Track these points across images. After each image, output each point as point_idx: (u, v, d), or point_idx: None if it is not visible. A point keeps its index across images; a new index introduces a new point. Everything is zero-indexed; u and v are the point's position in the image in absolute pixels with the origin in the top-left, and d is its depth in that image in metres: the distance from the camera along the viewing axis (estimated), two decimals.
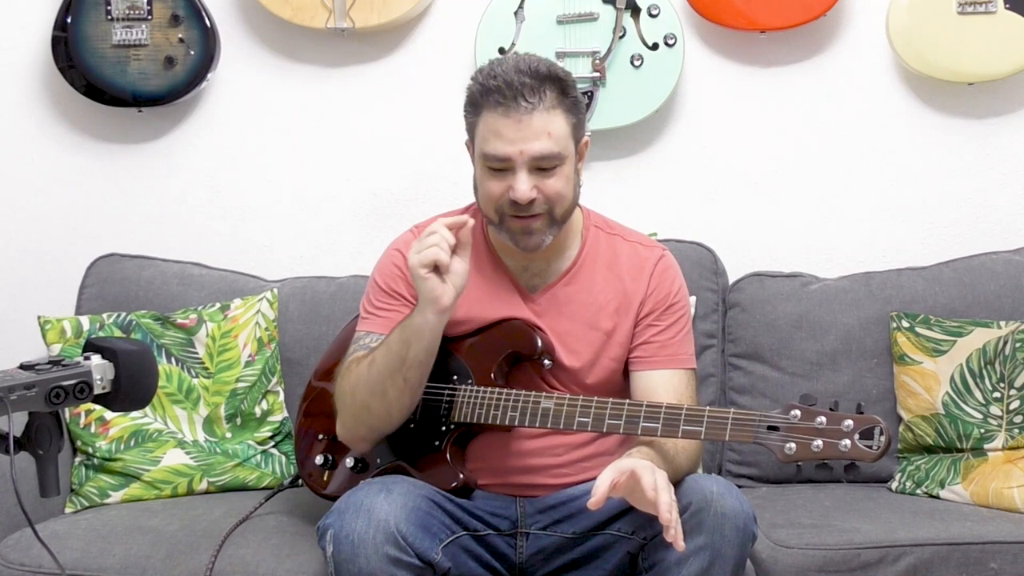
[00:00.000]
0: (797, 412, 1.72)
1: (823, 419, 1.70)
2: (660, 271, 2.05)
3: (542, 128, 1.87)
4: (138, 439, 2.44)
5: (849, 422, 1.68)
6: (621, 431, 1.85)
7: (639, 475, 1.69)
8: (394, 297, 2.04)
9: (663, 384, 1.99)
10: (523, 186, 1.88)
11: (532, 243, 1.94)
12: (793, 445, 1.71)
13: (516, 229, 1.93)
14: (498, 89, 1.87)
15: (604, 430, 1.86)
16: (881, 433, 1.67)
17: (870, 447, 1.67)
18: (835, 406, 1.71)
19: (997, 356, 2.38)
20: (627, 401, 1.86)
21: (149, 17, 2.74)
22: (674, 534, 1.66)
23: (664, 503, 1.66)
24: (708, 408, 1.80)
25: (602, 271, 2.05)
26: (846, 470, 1.69)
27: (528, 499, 2.00)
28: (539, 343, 1.98)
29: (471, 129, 1.97)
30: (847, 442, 1.68)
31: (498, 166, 1.90)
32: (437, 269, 1.84)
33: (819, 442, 1.69)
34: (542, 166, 1.89)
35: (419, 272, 1.84)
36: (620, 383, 2.04)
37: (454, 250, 1.85)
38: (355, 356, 2.00)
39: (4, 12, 2.87)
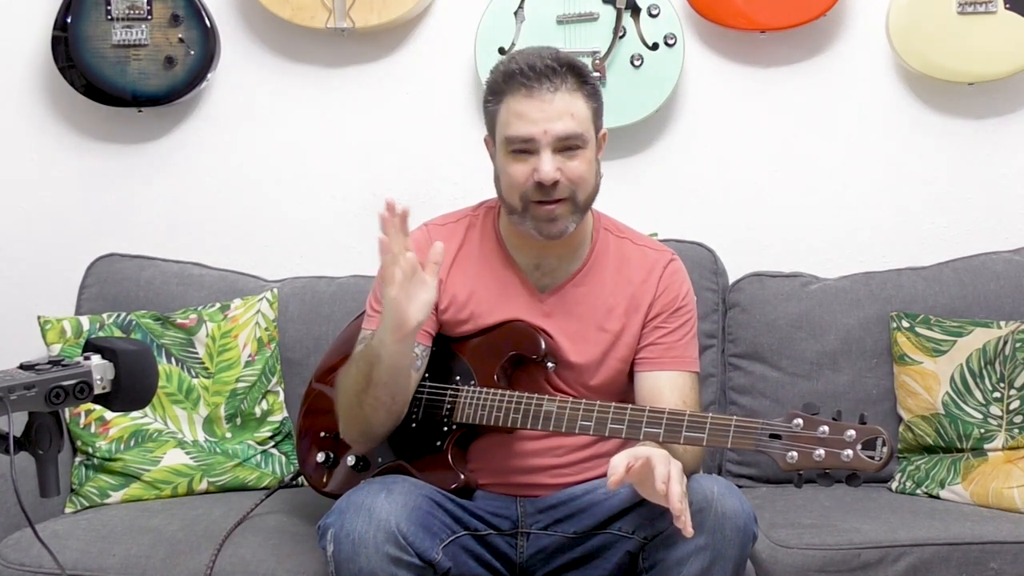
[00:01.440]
0: (800, 421, 1.71)
1: (826, 428, 1.69)
2: (669, 274, 2.06)
3: (565, 109, 1.90)
4: (138, 439, 2.44)
5: (852, 432, 1.67)
6: (623, 436, 1.85)
7: (653, 464, 1.69)
8: None
9: (668, 385, 1.99)
10: (547, 166, 1.89)
11: (555, 230, 1.94)
12: (795, 454, 1.70)
13: (540, 216, 1.93)
14: (521, 71, 1.90)
15: (606, 434, 1.86)
16: (884, 444, 1.66)
17: (872, 458, 1.66)
18: (838, 415, 1.71)
19: (997, 356, 2.38)
20: (630, 406, 1.86)
21: (149, 17, 2.73)
22: (684, 521, 1.66)
23: (675, 494, 1.66)
24: (711, 415, 1.80)
25: (611, 273, 2.05)
26: (848, 480, 1.69)
27: (528, 499, 2.01)
28: (542, 345, 1.98)
29: (492, 119, 1.97)
30: (849, 452, 1.67)
31: (522, 147, 1.91)
32: (411, 290, 1.80)
33: (821, 451, 1.69)
34: (566, 146, 1.90)
35: (387, 292, 1.79)
36: (624, 384, 2.04)
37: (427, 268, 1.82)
38: (348, 365, 2.01)
39: (4, 12, 2.87)
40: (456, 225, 2.10)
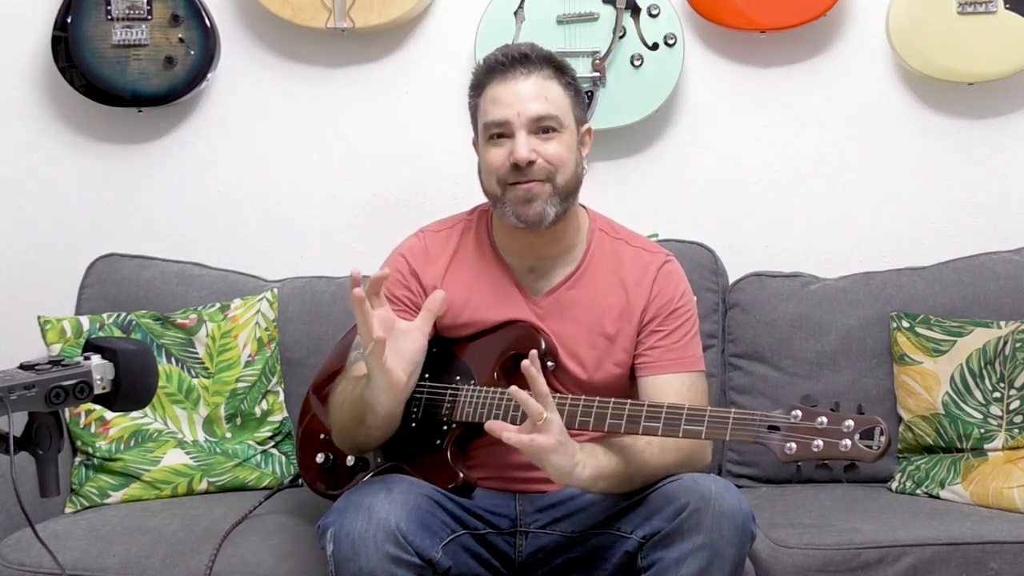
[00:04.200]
0: (798, 412, 1.72)
1: (824, 419, 1.70)
2: (662, 277, 2.05)
3: (539, 91, 1.93)
4: (138, 439, 2.44)
5: (850, 422, 1.68)
6: (622, 431, 1.84)
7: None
8: (394, 303, 2.04)
9: (670, 388, 1.98)
10: (522, 146, 1.91)
11: (533, 212, 1.93)
12: (793, 445, 1.71)
13: (517, 198, 1.94)
14: (497, 61, 1.96)
15: (605, 429, 1.86)
16: (881, 433, 1.67)
17: (870, 447, 1.67)
18: (836, 407, 1.71)
19: (997, 356, 2.38)
20: (629, 401, 1.86)
21: (149, 17, 2.74)
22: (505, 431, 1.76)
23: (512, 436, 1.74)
24: (709, 408, 1.80)
25: (606, 275, 2.05)
26: (845, 470, 1.69)
27: (527, 497, 2.01)
28: (542, 345, 1.98)
29: (474, 114, 2.00)
30: (847, 442, 1.68)
31: (498, 131, 1.94)
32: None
33: (819, 442, 1.69)
34: (541, 128, 1.93)
35: (372, 363, 1.77)
36: (624, 388, 2.04)
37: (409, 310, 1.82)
38: (343, 378, 1.99)
39: (4, 12, 2.87)
40: (451, 231, 2.10)
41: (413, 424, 2.00)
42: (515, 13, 2.71)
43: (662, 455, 1.89)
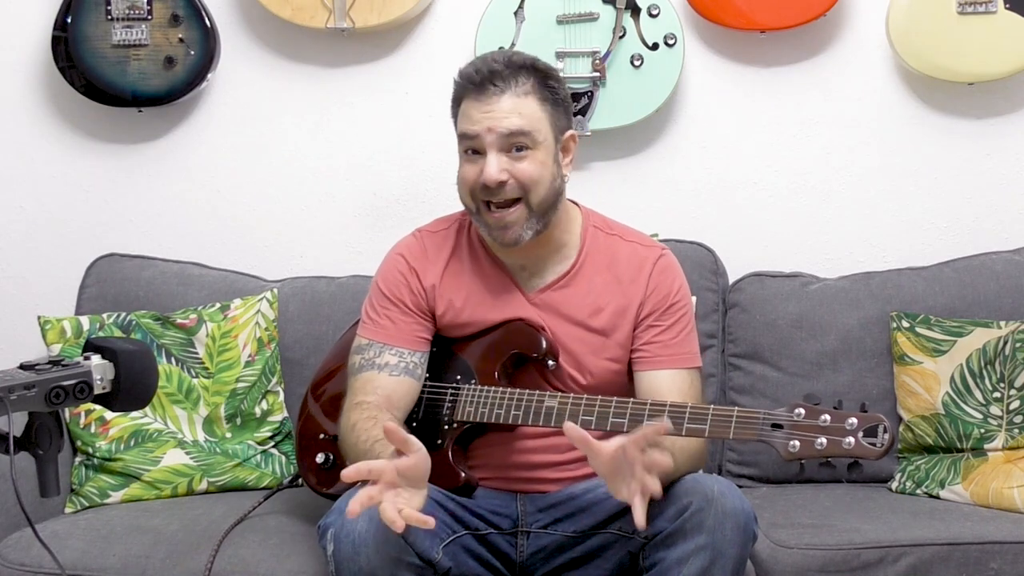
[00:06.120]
0: (801, 410, 1.72)
1: (827, 417, 1.70)
2: (659, 271, 2.05)
3: (512, 108, 1.90)
4: (138, 439, 2.44)
5: (853, 420, 1.68)
6: (625, 429, 1.84)
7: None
8: (395, 304, 2.04)
9: (667, 383, 1.98)
10: (492, 167, 1.89)
11: (509, 237, 1.94)
12: (797, 443, 1.71)
13: (492, 223, 1.94)
14: (470, 75, 1.93)
15: (608, 428, 1.86)
16: (885, 431, 1.67)
17: (873, 444, 1.67)
18: (839, 405, 1.72)
19: (997, 356, 2.38)
20: (631, 400, 1.86)
21: (149, 17, 2.73)
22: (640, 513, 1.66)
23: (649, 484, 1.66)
24: (712, 406, 1.80)
25: (601, 272, 2.04)
26: (849, 468, 1.69)
27: (529, 497, 2.01)
28: (543, 344, 1.98)
29: (455, 124, 1.99)
30: (851, 440, 1.68)
31: (471, 145, 1.92)
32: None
33: (823, 440, 1.69)
34: (513, 145, 1.90)
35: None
36: (622, 384, 2.04)
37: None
38: (359, 418, 1.92)
39: (4, 12, 2.87)
40: (447, 231, 2.10)
41: (414, 424, 2.00)
42: (515, 13, 2.71)
43: (689, 460, 1.89)
